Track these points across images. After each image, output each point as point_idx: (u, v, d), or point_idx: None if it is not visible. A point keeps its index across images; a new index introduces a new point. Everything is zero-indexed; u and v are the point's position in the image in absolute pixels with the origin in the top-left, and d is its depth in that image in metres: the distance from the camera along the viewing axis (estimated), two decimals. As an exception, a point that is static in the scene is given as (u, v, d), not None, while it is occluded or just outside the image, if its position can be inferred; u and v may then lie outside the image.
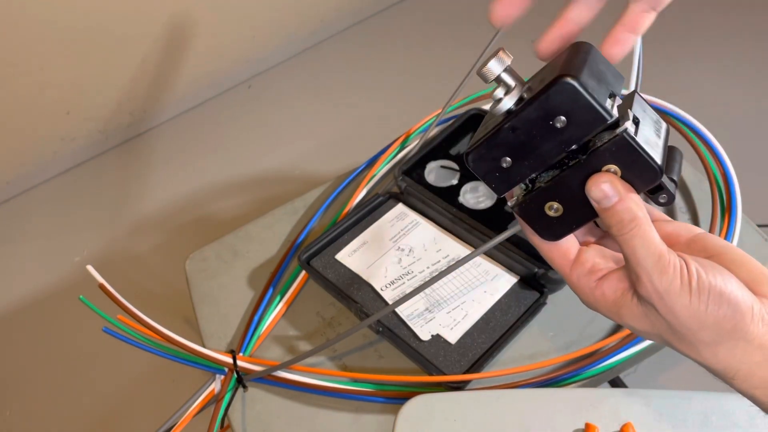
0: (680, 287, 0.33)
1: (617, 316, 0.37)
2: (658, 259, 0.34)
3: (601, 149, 0.34)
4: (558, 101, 0.33)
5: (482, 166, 0.37)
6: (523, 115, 0.35)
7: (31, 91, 1.63)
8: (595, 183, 0.35)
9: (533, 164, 0.36)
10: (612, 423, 0.57)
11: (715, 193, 0.74)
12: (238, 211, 1.62)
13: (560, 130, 0.34)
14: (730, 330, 0.34)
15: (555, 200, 0.37)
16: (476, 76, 0.38)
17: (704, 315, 0.34)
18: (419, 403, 0.60)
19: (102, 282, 0.61)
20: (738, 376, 0.35)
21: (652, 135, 0.35)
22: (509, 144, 0.36)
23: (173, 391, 1.30)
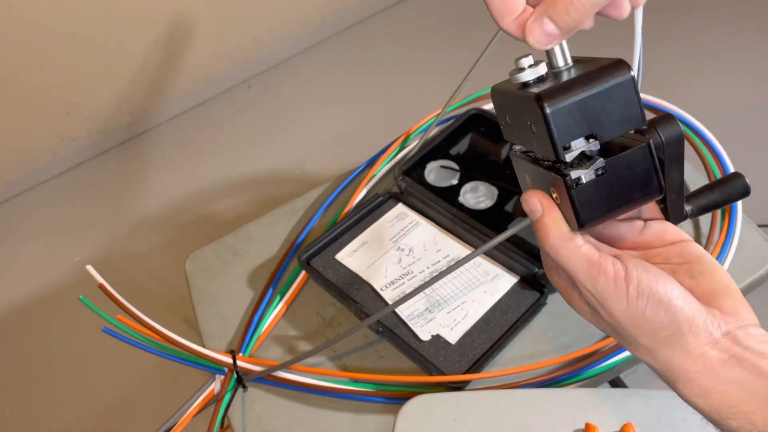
0: (615, 292, 0.34)
1: (570, 300, 0.39)
2: (588, 268, 0.35)
3: (552, 173, 0.35)
4: (532, 114, 0.33)
5: (496, 104, 0.39)
6: (518, 97, 0.34)
7: (31, 91, 1.63)
8: (525, 199, 0.38)
9: (521, 138, 0.37)
10: (612, 423, 0.57)
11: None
12: (238, 211, 1.62)
13: (533, 133, 0.34)
14: (667, 338, 0.34)
15: (527, 174, 0.39)
16: (477, 77, 0.38)
17: (642, 320, 0.34)
18: (419, 403, 0.60)
19: (102, 282, 0.61)
20: (678, 381, 0.35)
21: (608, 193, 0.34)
22: (510, 108, 0.37)
23: (173, 391, 1.30)
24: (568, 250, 0.36)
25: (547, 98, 0.31)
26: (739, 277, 0.69)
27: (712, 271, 0.36)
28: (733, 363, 0.33)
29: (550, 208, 0.36)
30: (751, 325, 0.34)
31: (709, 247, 0.70)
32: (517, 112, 0.35)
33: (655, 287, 0.34)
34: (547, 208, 0.37)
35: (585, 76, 0.32)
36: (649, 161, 0.34)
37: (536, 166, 0.37)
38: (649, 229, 0.39)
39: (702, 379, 0.34)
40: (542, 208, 0.37)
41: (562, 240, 0.36)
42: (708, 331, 0.34)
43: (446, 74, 1.34)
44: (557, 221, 0.36)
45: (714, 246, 0.70)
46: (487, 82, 0.89)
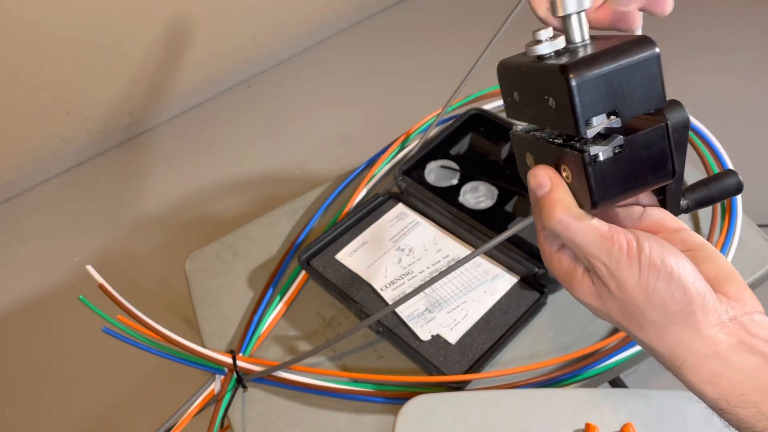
0: (628, 262, 0.34)
1: (569, 287, 0.38)
2: (600, 240, 0.34)
3: (566, 150, 0.34)
4: (553, 86, 0.32)
5: (502, 81, 0.38)
6: (535, 70, 0.34)
7: (31, 91, 1.63)
8: (533, 174, 0.37)
9: (528, 114, 0.36)
10: (612, 423, 0.57)
11: (715, 193, 0.74)
12: (238, 211, 1.62)
13: (550, 108, 0.33)
14: (677, 312, 0.33)
15: (531, 153, 0.38)
16: (477, 76, 0.38)
17: (652, 292, 0.33)
18: (419, 403, 0.60)
19: (102, 282, 0.61)
20: (685, 366, 0.34)
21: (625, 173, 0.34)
22: (521, 85, 0.36)
23: (173, 391, 1.30)
24: (578, 224, 0.35)
25: (573, 69, 0.30)
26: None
27: (715, 258, 0.36)
28: (742, 349, 0.33)
29: (559, 183, 0.36)
30: (756, 312, 0.34)
31: (709, 247, 0.70)
32: (532, 86, 0.34)
33: (667, 260, 0.33)
34: (556, 182, 0.36)
35: (611, 50, 0.32)
36: (665, 142, 0.33)
37: (544, 144, 0.36)
38: (648, 216, 0.38)
39: (710, 365, 0.33)
40: (551, 183, 0.36)
41: (570, 214, 0.35)
42: (717, 312, 0.33)
43: (446, 74, 1.34)
44: (565, 196, 0.35)
45: (714, 245, 0.70)
46: (487, 82, 0.90)
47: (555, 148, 0.35)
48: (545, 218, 0.36)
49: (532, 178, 0.37)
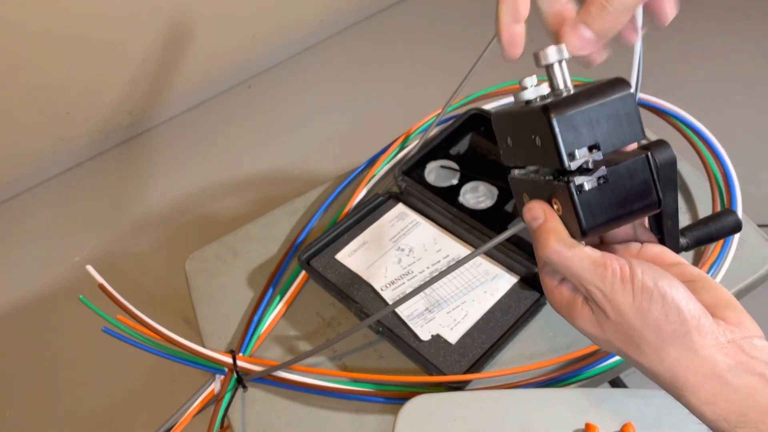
0: (622, 286, 0.34)
1: (570, 318, 0.39)
2: (594, 266, 0.35)
3: (554, 183, 0.36)
4: (538, 126, 0.35)
5: (496, 129, 0.41)
6: (521, 114, 0.37)
7: (31, 91, 1.63)
8: (527, 209, 0.39)
9: (519, 156, 0.39)
10: (612, 423, 0.57)
11: (715, 193, 0.74)
12: (238, 211, 1.62)
13: (537, 146, 0.36)
14: (671, 333, 0.34)
15: (526, 193, 0.40)
16: (477, 77, 0.40)
17: (646, 313, 0.34)
18: (419, 403, 0.60)
19: (102, 282, 0.61)
20: (686, 388, 0.34)
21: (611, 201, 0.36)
22: (511, 130, 0.39)
23: (173, 391, 1.30)
24: (571, 252, 0.36)
25: (553, 108, 0.34)
26: (739, 277, 0.69)
27: (713, 287, 0.37)
28: (741, 370, 0.33)
29: (552, 215, 0.37)
30: (756, 336, 0.34)
31: (709, 247, 0.70)
32: (520, 128, 0.37)
33: (660, 283, 0.34)
34: (549, 215, 0.37)
35: (587, 91, 0.35)
36: (647, 172, 0.35)
37: (537, 183, 0.38)
38: (646, 251, 0.39)
39: (709, 385, 0.33)
40: (544, 215, 0.37)
41: (564, 243, 0.36)
42: (714, 334, 0.34)
43: (446, 74, 1.34)
44: (558, 227, 0.37)
45: (714, 246, 0.70)
46: (487, 82, 0.90)
47: (546, 185, 0.37)
48: (540, 248, 0.37)
49: (527, 212, 0.38)
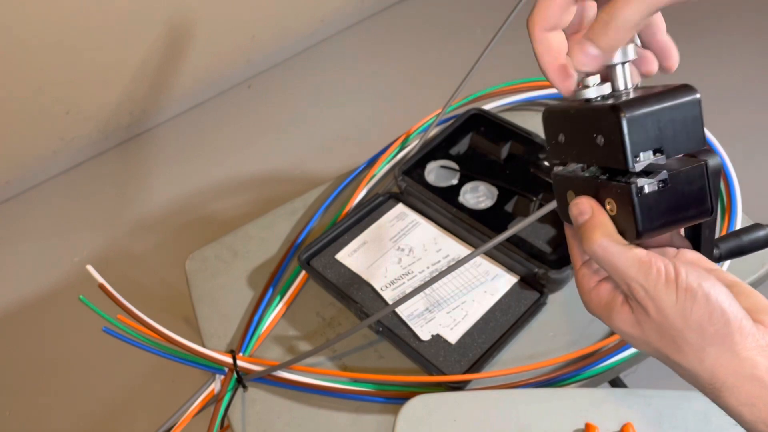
0: (666, 285, 0.35)
1: (608, 318, 0.39)
2: (639, 264, 0.35)
3: (612, 183, 0.36)
4: (603, 123, 0.35)
5: (547, 127, 0.40)
6: (584, 112, 0.37)
7: (31, 91, 1.63)
8: (575, 203, 0.39)
9: (576, 156, 0.39)
10: (612, 423, 0.57)
11: (715, 193, 0.74)
12: (238, 211, 1.62)
13: (598, 145, 0.36)
14: (714, 333, 0.34)
15: (573, 190, 0.40)
16: (477, 77, 0.39)
17: (689, 313, 0.34)
18: (419, 403, 0.60)
19: (102, 282, 0.61)
20: (725, 388, 0.34)
21: (668, 206, 0.36)
22: (569, 126, 0.39)
23: (173, 391, 1.30)
24: (617, 247, 0.36)
25: (624, 107, 0.34)
26: (739, 277, 0.69)
27: (750, 293, 0.37)
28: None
29: (600, 211, 0.37)
30: None
31: (709, 247, 0.70)
32: (580, 126, 0.37)
33: (704, 284, 0.34)
34: (597, 210, 0.38)
35: (657, 94, 0.35)
36: (704, 180, 0.36)
37: (588, 181, 0.38)
38: (682, 256, 0.39)
39: (749, 386, 0.34)
40: (592, 211, 0.38)
41: (611, 239, 0.36)
42: (755, 336, 0.34)
43: (446, 74, 1.34)
44: (606, 223, 0.37)
45: (714, 246, 0.70)
46: (487, 82, 0.90)
47: (599, 184, 0.37)
48: (586, 242, 0.37)
49: (574, 207, 0.39)
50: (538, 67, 0.39)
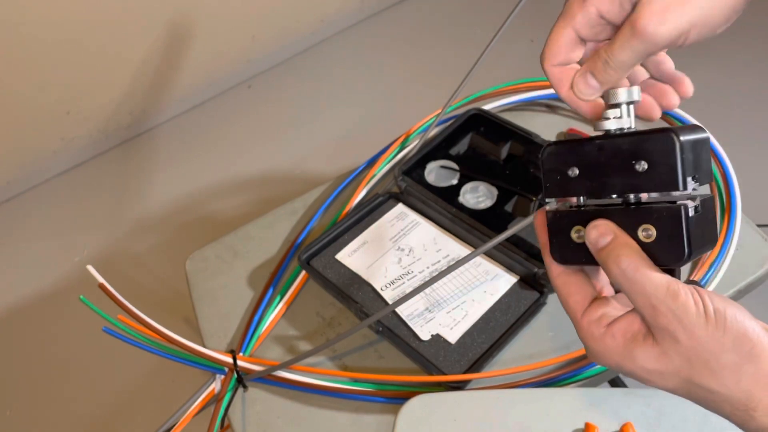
0: (695, 310, 0.34)
1: (630, 359, 0.36)
2: (666, 287, 0.35)
3: (655, 207, 0.36)
4: (653, 147, 0.35)
5: (552, 162, 0.39)
6: (617, 141, 0.37)
7: (31, 91, 1.63)
8: (594, 225, 0.37)
9: (594, 187, 0.38)
10: (612, 423, 0.57)
11: (715, 193, 0.74)
12: (238, 211, 1.62)
13: (636, 173, 0.36)
14: (749, 351, 0.34)
15: (582, 225, 0.38)
16: (476, 77, 0.40)
17: (723, 336, 0.34)
18: (419, 403, 0.60)
19: (102, 282, 0.61)
20: (760, 407, 0.34)
21: (701, 232, 0.36)
22: (589, 158, 0.38)
23: (173, 391, 1.30)
24: (648, 269, 0.35)
25: (679, 131, 0.35)
26: (738, 277, 0.69)
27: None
28: None
29: (622, 232, 0.37)
30: None
31: (709, 247, 0.70)
32: (609, 155, 0.37)
33: (728, 307, 0.34)
34: (619, 232, 0.37)
35: (686, 128, 0.36)
36: (713, 211, 0.37)
37: (609, 211, 0.37)
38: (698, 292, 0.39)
39: None
40: (614, 233, 0.37)
41: (637, 263, 0.35)
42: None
43: (446, 74, 1.34)
44: (632, 244, 0.36)
45: (714, 246, 0.70)
46: (487, 82, 0.90)
47: (630, 211, 0.36)
48: (613, 262, 0.36)
49: (593, 230, 0.37)
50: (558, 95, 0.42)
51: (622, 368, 0.37)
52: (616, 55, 0.38)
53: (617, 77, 0.39)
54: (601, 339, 0.37)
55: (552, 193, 0.40)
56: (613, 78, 0.39)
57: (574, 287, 0.40)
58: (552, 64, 0.41)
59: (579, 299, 0.39)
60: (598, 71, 0.39)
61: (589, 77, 0.40)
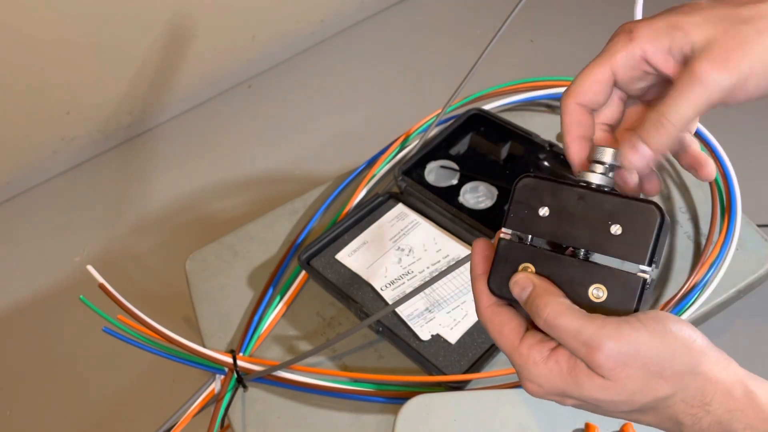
0: (629, 325, 0.34)
1: (576, 385, 0.35)
2: (593, 322, 0.34)
3: (616, 271, 0.36)
4: (635, 217, 0.35)
5: (525, 196, 0.38)
6: (600, 197, 0.36)
7: (31, 91, 1.63)
8: (515, 281, 0.37)
9: (558, 233, 0.37)
10: (612, 423, 0.57)
11: (715, 193, 0.74)
12: (238, 211, 1.62)
13: (608, 234, 0.36)
14: (699, 350, 0.34)
15: (533, 264, 0.38)
16: (476, 77, 0.39)
17: (671, 340, 0.34)
18: (419, 403, 0.60)
19: (102, 282, 0.61)
20: (714, 401, 0.34)
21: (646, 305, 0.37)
22: (565, 203, 0.37)
23: (173, 391, 1.30)
24: (568, 315, 0.34)
25: (661, 209, 0.35)
26: (738, 277, 0.69)
27: None
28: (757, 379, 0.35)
29: (543, 280, 0.36)
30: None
31: (709, 247, 0.71)
32: (586, 207, 0.37)
33: (657, 312, 0.35)
34: (539, 280, 0.36)
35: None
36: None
37: (566, 261, 0.37)
38: None
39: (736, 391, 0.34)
40: (533, 283, 0.36)
41: (558, 309, 0.35)
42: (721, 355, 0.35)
43: (446, 74, 1.34)
44: (550, 290, 0.36)
45: (714, 246, 0.70)
46: (487, 82, 0.90)
47: (586, 266, 0.36)
48: (542, 308, 0.35)
49: (515, 286, 0.37)
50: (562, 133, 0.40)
51: (567, 393, 0.35)
52: (671, 109, 0.35)
53: (673, 136, 0.36)
54: (544, 363, 0.35)
55: (513, 225, 0.38)
56: (669, 138, 0.36)
57: (506, 317, 0.38)
58: (576, 101, 0.39)
59: (514, 327, 0.37)
60: (650, 134, 0.36)
61: (640, 145, 0.36)
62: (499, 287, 0.38)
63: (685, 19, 0.36)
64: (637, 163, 0.37)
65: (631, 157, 0.37)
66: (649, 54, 0.36)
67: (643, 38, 0.36)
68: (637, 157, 0.37)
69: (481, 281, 0.39)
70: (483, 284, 0.39)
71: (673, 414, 0.35)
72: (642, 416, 0.36)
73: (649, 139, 0.36)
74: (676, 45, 0.36)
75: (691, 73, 0.34)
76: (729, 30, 0.35)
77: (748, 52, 0.34)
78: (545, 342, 0.36)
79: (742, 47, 0.34)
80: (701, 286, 0.68)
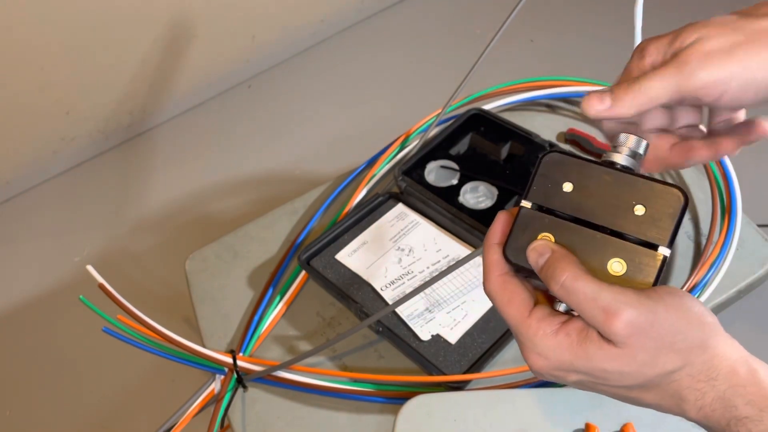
0: (647, 296, 0.34)
1: (585, 358, 0.34)
2: (610, 285, 0.34)
3: (637, 248, 0.36)
4: (661, 199, 0.36)
5: (551, 170, 0.38)
6: (628, 177, 0.37)
7: (31, 91, 1.63)
8: (533, 248, 0.37)
9: (581, 209, 0.37)
10: (612, 423, 0.57)
11: (715, 193, 0.74)
12: (238, 211, 1.62)
13: (631, 213, 0.36)
14: (714, 323, 0.35)
15: (552, 234, 0.38)
16: (476, 77, 0.40)
17: (685, 312, 0.34)
18: (419, 403, 0.60)
19: (102, 282, 0.61)
20: (720, 376, 0.34)
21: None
22: (590, 181, 0.37)
23: (173, 391, 1.30)
24: (585, 279, 0.34)
25: (684, 192, 0.36)
26: (738, 277, 0.69)
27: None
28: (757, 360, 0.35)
29: (561, 248, 0.36)
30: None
31: (709, 247, 0.71)
32: (611, 186, 0.37)
33: (680, 293, 0.35)
34: (556, 248, 0.36)
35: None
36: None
37: (588, 234, 0.37)
38: None
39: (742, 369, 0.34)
40: (551, 249, 0.36)
41: (576, 273, 0.34)
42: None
43: (446, 74, 1.34)
44: (568, 257, 0.36)
45: (714, 246, 0.70)
46: (487, 82, 0.90)
47: (607, 240, 0.37)
48: (551, 278, 0.35)
49: (532, 252, 0.37)
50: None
51: (574, 365, 0.35)
52: (644, 82, 0.38)
53: (637, 104, 0.39)
54: (554, 335, 0.35)
55: (536, 198, 0.39)
56: (633, 103, 0.39)
57: (516, 289, 0.38)
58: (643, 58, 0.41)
59: (524, 299, 0.37)
60: (618, 92, 0.39)
61: (605, 96, 0.40)
62: (515, 254, 0.38)
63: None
64: (595, 108, 0.40)
65: (594, 103, 0.40)
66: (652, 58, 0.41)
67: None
68: (599, 106, 0.40)
69: (496, 250, 0.39)
70: (497, 253, 0.39)
71: (677, 389, 0.35)
72: (644, 393, 0.36)
73: (616, 96, 0.39)
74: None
75: (675, 56, 0.38)
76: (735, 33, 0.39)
77: (733, 57, 0.37)
78: (555, 315, 0.36)
79: (735, 51, 0.37)
80: (701, 286, 0.68)
